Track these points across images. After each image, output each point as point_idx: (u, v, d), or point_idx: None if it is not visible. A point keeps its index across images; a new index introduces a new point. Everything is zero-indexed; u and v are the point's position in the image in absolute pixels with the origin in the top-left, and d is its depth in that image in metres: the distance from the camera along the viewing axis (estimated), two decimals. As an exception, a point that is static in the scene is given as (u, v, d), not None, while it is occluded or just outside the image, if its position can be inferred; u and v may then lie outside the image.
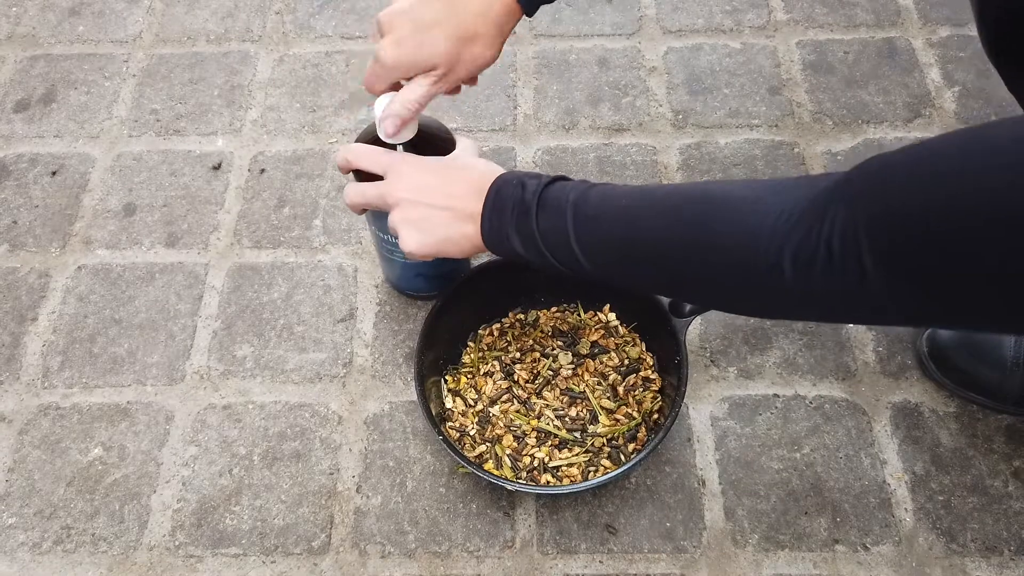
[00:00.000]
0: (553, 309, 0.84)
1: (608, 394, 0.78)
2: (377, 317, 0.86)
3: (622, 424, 0.76)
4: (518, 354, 0.81)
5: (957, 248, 0.39)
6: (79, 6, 1.13)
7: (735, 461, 0.76)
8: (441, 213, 0.60)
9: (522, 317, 0.84)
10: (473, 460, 0.74)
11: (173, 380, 0.83)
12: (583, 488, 0.70)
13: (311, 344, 0.84)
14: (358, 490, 0.76)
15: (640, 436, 0.75)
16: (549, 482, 0.73)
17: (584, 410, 0.77)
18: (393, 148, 0.67)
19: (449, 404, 0.78)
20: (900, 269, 0.41)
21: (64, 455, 0.78)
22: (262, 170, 0.97)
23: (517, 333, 0.82)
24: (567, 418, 0.77)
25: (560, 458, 0.74)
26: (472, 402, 0.78)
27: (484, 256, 0.83)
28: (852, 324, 0.83)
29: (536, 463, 0.74)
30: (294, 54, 1.07)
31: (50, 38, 1.10)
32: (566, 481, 0.73)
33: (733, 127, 0.98)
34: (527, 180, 0.58)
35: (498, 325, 0.83)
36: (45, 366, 0.84)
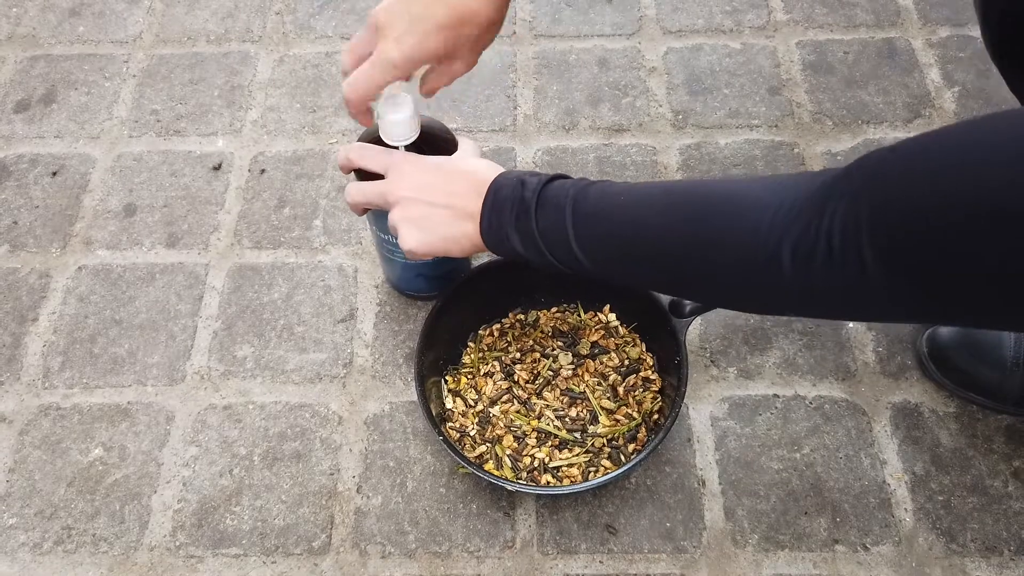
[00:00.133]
0: (553, 309, 0.84)
1: (608, 394, 0.78)
2: (377, 317, 0.86)
3: (622, 424, 0.76)
4: (518, 354, 0.81)
5: (955, 243, 0.39)
6: (79, 6, 1.13)
7: (735, 461, 0.77)
8: (441, 211, 0.60)
9: (522, 317, 0.84)
10: (473, 460, 0.74)
11: (173, 380, 0.83)
12: (583, 488, 0.71)
13: (311, 344, 0.84)
14: (358, 490, 0.76)
15: (640, 436, 0.75)
16: (549, 482, 0.73)
17: (584, 410, 0.77)
18: (395, 148, 0.67)
19: (449, 404, 0.78)
20: (899, 264, 0.41)
21: (65, 455, 0.79)
22: (262, 170, 0.97)
23: (517, 333, 0.83)
24: (567, 418, 0.77)
25: (560, 458, 0.74)
26: (472, 402, 0.78)
27: (484, 256, 0.83)
28: (851, 321, 0.83)
29: (536, 463, 0.74)
30: (294, 54, 1.07)
31: (50, 38, 1.10)
32: (566, 481, 0.73)
33: (733, 127, 0.98)
34: (527, 179, 0.58)
35: (498, 325, 0.83)
36: (46, 366, 0.84)
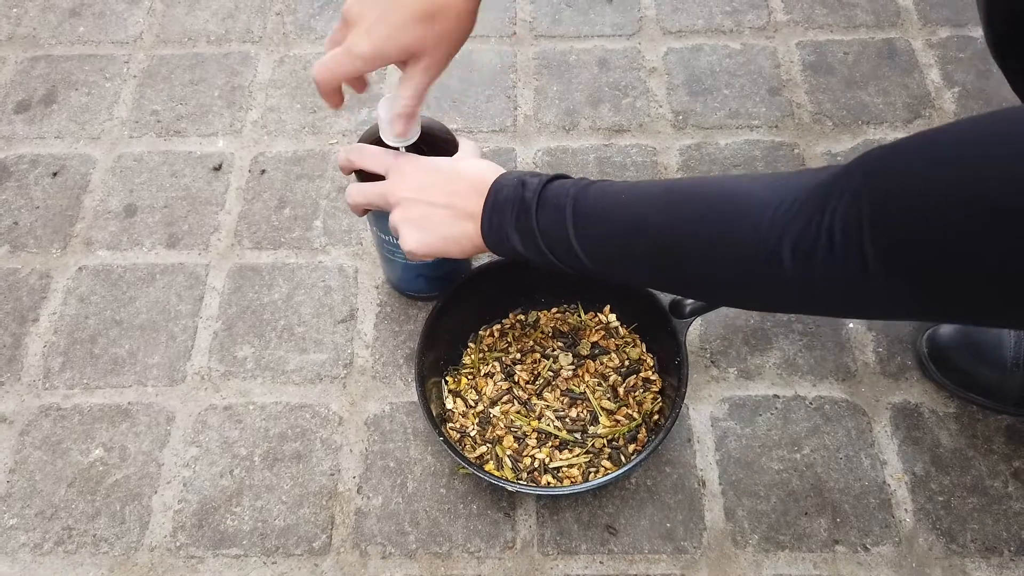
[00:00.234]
0: (553, 310, 0.84)
1: (608, 395, 0.78)
2: (378, 318, 0.86)
3: (622, 425, 0.76)
4: (518, 355, 0.81)
5: (956, 241, 0.39)
6: (80, 7, 1.13)
7: (735, 462, 0.77)
8: (441, 212, 0.60)
9: (522, 318, 0.84)
10: (474, 461, 0.74)
11: (174, 381, 0.83)
12: (583, 489, 0.71)
13: (312, 345, 0.84)
14: (359, 491, 0.76)
15: (640, 437, 0.75)
16: (550, 483, 0.73)
17: (584, 411, 0.77)
18: (396, 149, 0.67)
19: (450, 405, 0.78)
20: (900, 261, 0.41)
21: (65, 456, 0.79)
22: (263, 171, 0.97)
23: (517, 334, 0.83)
24: (567, 419, 0.77)
25: (561, 459, 0.74)
26: (473, 403, 0.78)
27: (484, 257, 0.83)
28: (852, 318, 0.83)
29: (537, 464, 0.74)
30: (294, 55, 1.07)
31: (51, 39, 1.10)
32: (566, 482, 0.73)
33: (733, 128, 0.98)
34: (527, 179, 0.58)
35: (498, 326, 0.83)
36: (46, 367, 0.84)
